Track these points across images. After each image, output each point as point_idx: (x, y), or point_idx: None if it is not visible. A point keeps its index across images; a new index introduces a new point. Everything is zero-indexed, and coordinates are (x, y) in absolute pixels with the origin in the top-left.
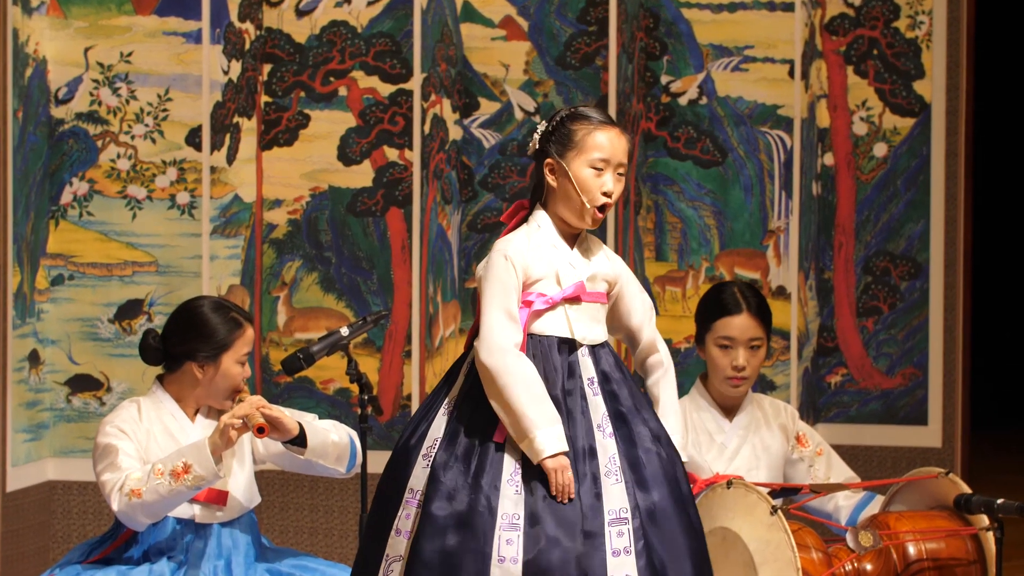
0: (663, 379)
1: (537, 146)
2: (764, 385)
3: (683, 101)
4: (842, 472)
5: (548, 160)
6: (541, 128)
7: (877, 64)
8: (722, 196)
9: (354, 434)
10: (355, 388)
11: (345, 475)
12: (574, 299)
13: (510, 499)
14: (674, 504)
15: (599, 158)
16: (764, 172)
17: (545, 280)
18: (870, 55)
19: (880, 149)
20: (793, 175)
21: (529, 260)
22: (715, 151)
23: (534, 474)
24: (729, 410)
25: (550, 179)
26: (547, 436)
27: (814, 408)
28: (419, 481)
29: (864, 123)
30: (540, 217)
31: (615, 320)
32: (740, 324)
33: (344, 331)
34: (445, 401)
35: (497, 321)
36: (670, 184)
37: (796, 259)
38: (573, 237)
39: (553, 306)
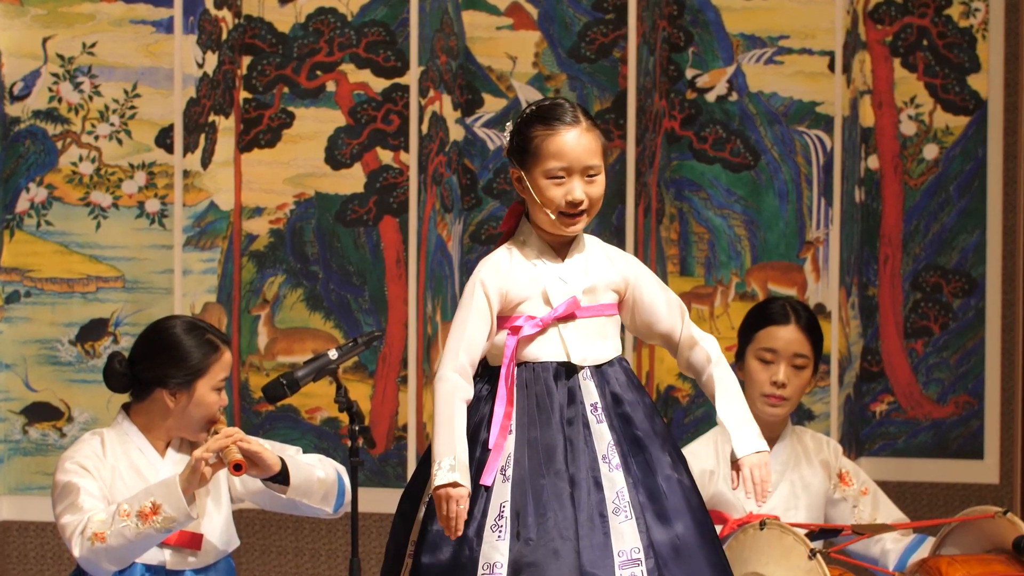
0: (716, 369)
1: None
2: (801, 414)
3: (711, 97)
4: (890, 513)
5: (512, 170)
6: (509, 128)
7: (927, 56)
8: (754, 203)
9: (342, 470)
10: (345, 418)
11: (332, 516)
12: (567, 317)
13: (491, 545)
14: (699, 536)
15: (557, 167)
16: (801, 177)
17: (531, 300)
18: (919, 46)
19: (930, 151)
20: (833, 180)
21: (509, 281)
22: (746, 153)
23: (523, 516)
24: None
25: (519, 189)
26: (443, 467)
27: (857, 440)
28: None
29: (913, 122)
30: (525, 229)
31: (641, 327)
32: (786, 336)
33: (332, 354)
34: None
35: (449, 348)
36: (696, 190)
37: (837, 274)
38: (566, 245)
39: (544, 328)
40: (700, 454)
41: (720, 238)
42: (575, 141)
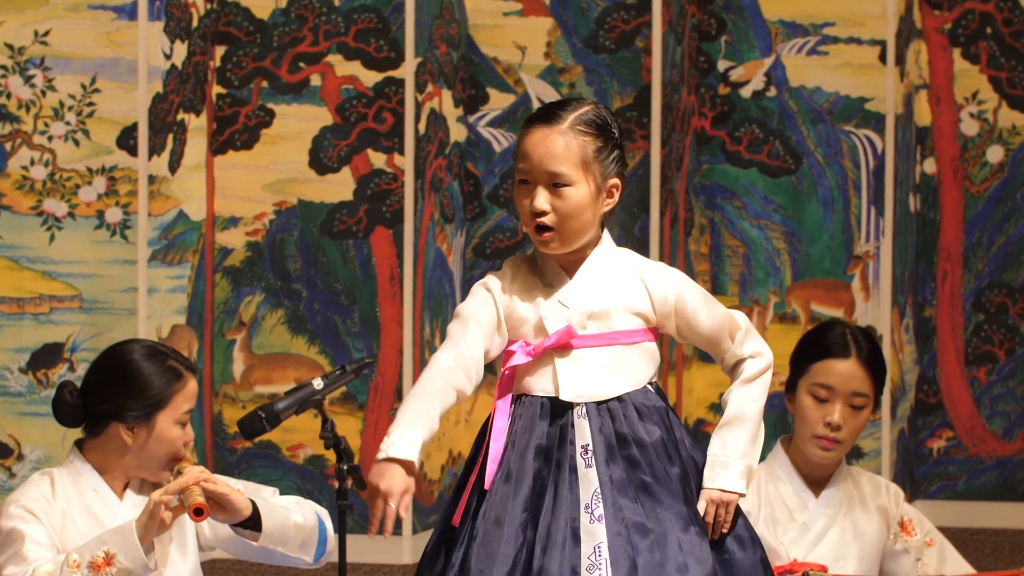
0: (735, 389)
1: None
2: (848, 452)
3: (746, 93)
4: (958, 568)
5: None
6: None
7: (991, 46)
8: (795, 213)
9: (324, 514)
10: (332, 456)
11: (313, 566)
12: (563, 347)
13: None
14: None
15: (521, 170)
16: (848, 182)
17: (527, 325)
18: (982, 35)
19: (995, 153)
20: (885, 186)
21: (514, 293)
22: (786, 156)
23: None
24: (816, 483)
25: None
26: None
27: (912, 480)
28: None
29: (975, 120)
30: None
31: (695, 343)
32: (844, 371)
33: (317, 383)
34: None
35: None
36: (729, 197)
37: (889, 293)
38: (579, 261)
39: (538, 357)
40: None
41: (757, 252)
42: (540, 143)
